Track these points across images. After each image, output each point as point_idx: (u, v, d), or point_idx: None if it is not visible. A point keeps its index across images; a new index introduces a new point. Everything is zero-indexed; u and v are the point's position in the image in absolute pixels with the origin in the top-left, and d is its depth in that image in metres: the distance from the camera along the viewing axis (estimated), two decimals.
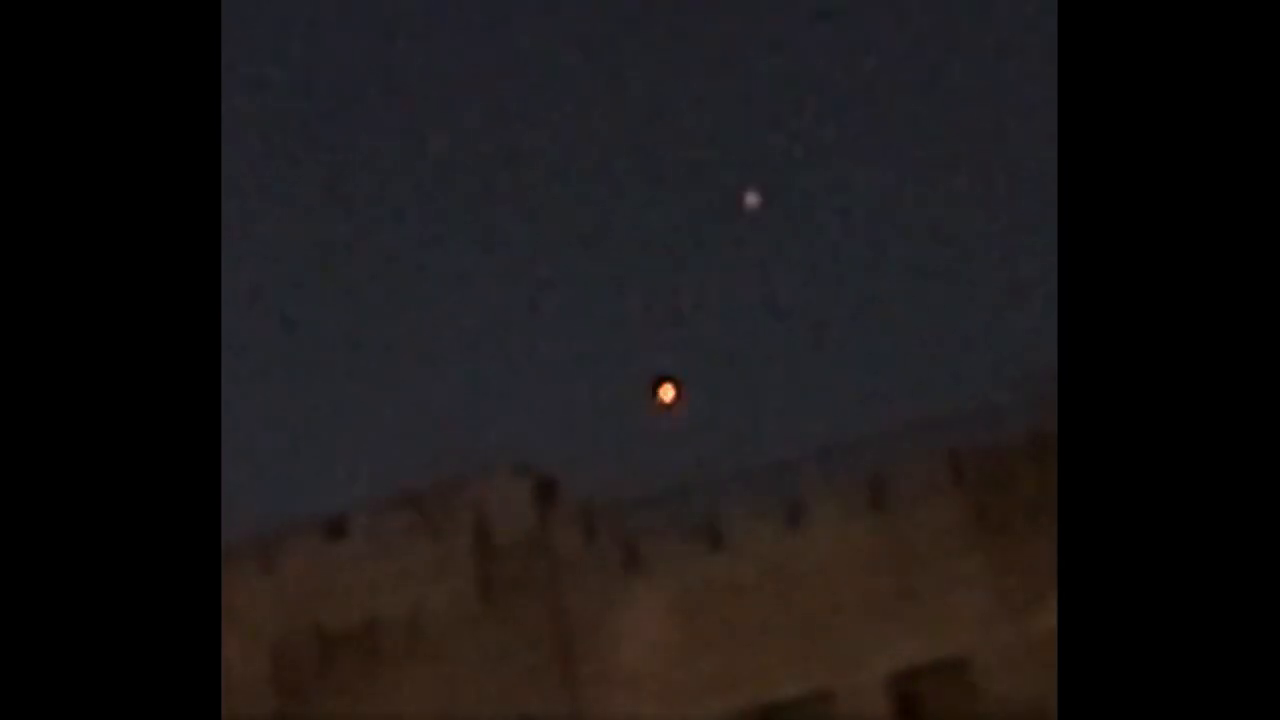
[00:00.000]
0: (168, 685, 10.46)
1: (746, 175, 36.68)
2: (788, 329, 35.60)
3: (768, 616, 22.92)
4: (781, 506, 23.34)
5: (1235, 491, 10.49)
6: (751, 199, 35.51)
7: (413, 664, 23.96)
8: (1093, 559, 10.65)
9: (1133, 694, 10.57)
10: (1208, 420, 10.62)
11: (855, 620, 22.74)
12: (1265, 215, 10.78)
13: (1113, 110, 11.00)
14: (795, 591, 22.96)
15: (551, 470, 24.48)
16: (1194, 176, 10.84)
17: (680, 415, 25.93)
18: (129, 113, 10.95)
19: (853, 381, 33.59)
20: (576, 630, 23.58)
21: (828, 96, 37.46)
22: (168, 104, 11.03)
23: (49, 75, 10.97)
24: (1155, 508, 10.62)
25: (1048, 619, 21.43)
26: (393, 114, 41.23)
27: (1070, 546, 10.88)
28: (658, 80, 38.09)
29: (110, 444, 10.56)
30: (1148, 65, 10.89)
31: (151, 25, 11.12)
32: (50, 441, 10.52)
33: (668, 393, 26.31)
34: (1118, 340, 10.79)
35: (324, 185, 40.09)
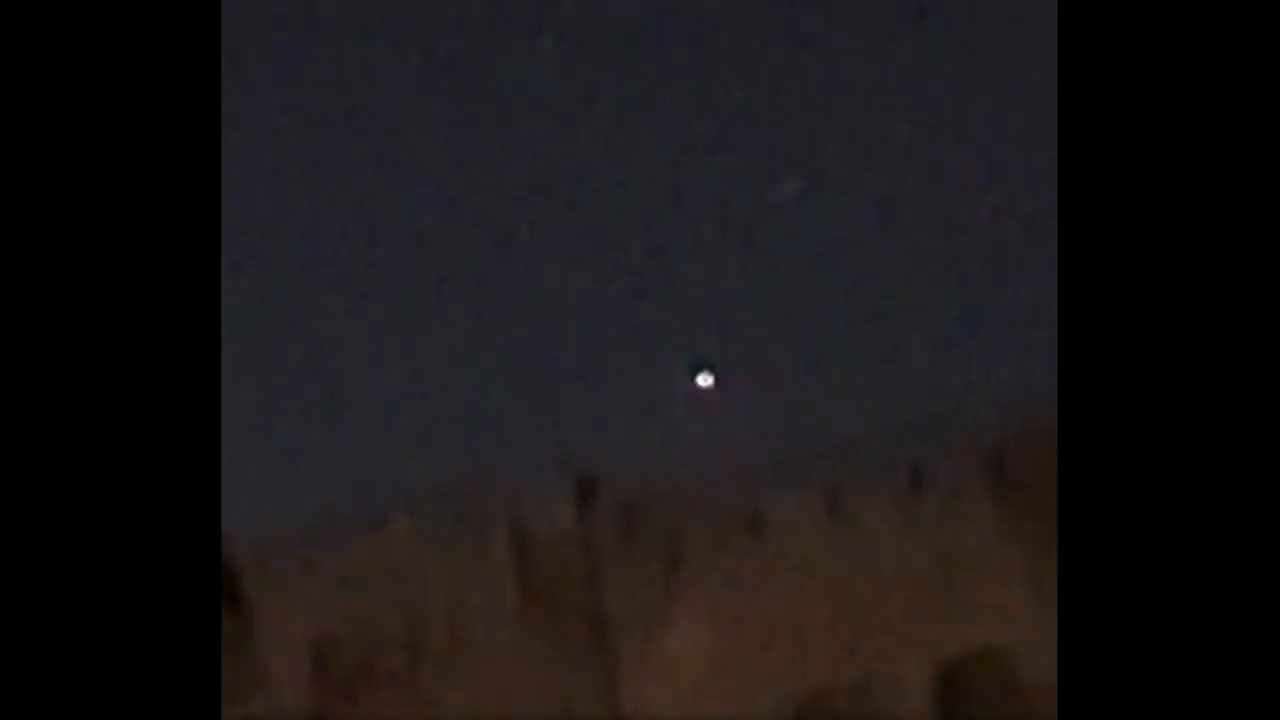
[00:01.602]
0: (167, 682, 10.39)
1: (783, 164, 36.70)
2: (826, 320, 35.63)
3: (810, 609, 22.92)
4: (822, 498, 23.34)
5: (1235, 489, 10.45)
6: (789, 187, 35.56)
7: (453, 661, 23.98)
8: (1093, 556, 10.59)
9: (1135, 690, 10.54)
10: (1209, 418, 10.57)
11: (897, 612, 22.73)
12: (1265, 214, 10.74)
13: (1127, 88, 10.95)
14: (837, 584, 22.94)
15: (590, 465, 24.48)
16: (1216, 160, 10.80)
17: (719, 407, 25.93)
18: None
19: (892, 372, 33.60)
20: (618, 625, 23.59)
21: (867, 86, 37.46)
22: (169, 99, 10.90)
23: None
24: (1156, 505, 10.58)
25: None
26: (425, 95, 41.32)
27: (1070, 545, 10.83)
28: (694, 66, 38.13)
29: (112, 435, 10.48)
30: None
31: None
32: (51, 426, 10.46)
33: (706, 382, 26.31)
34: (1117, 340, 10.73)
35: (365, 169, 40.24)
